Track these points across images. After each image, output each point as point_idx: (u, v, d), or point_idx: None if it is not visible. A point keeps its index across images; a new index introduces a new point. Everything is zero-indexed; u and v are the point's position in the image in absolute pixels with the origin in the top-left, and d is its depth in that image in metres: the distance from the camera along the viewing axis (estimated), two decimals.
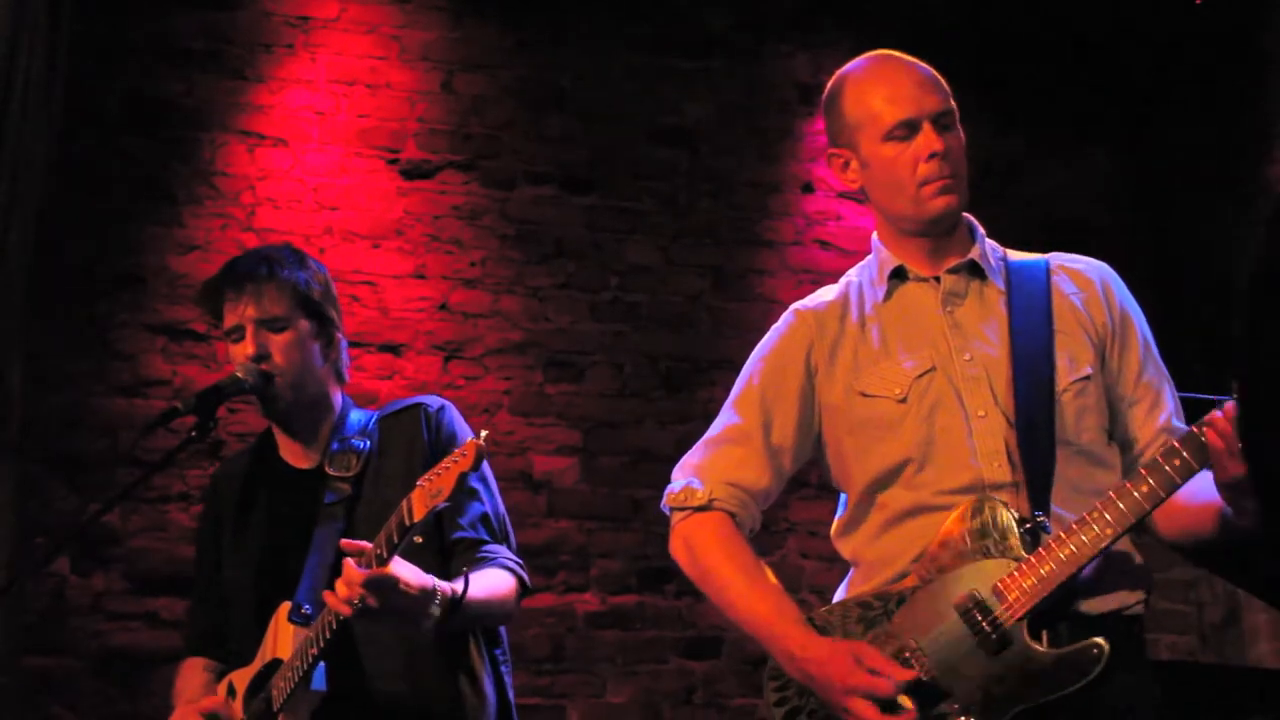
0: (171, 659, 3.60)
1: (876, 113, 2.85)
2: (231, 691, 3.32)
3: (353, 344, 5.41)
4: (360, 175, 5.76)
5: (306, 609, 3.17)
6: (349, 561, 2.96)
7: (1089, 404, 2.79)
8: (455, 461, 2.84)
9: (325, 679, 3.13)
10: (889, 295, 2.91)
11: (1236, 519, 2.61)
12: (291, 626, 3.19)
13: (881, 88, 2.87)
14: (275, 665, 3.22)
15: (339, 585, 2.96)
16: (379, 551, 2.93)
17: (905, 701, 2.59)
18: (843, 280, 3.01)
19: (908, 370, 2.81)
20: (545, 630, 5.68)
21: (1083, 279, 2.90)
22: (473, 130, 5.92)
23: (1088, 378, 2.79)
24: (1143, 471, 2.56)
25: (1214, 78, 6.25)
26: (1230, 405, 2.48)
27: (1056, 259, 2.94)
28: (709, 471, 2.90)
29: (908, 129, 2.82)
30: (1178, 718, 4.08)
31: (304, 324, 3.34)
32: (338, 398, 3.43)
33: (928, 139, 2.81)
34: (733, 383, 3.01)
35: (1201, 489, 2.60)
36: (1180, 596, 6.12)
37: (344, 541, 3.03)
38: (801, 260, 6.14)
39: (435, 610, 3.02)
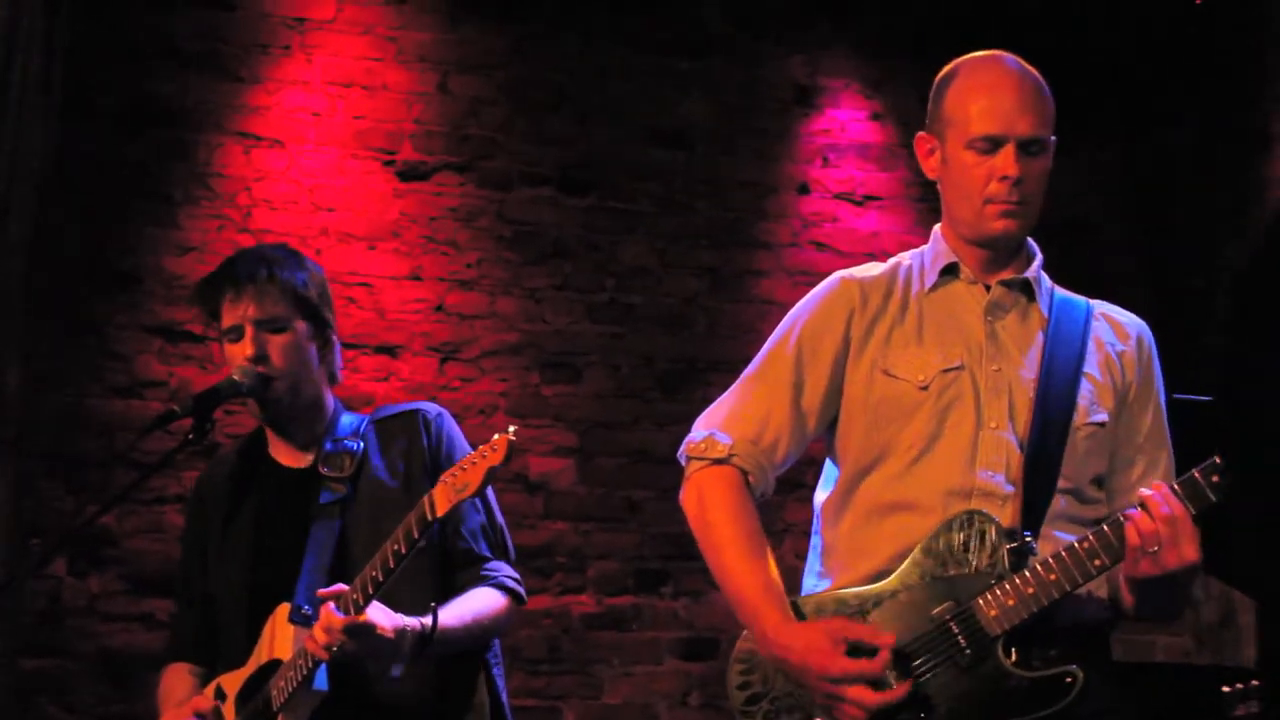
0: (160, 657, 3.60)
1: (968, 118, 2.83)
2: (221, 695, 3.31)
3: (349, 345, 5.42)
4: (356, 176, 5.76)
5: (307, 610, 3.17)
6: (328, 606, 2.99)
7: (1096, 448, 2.79)
8: (484, 456, 2.86)
9: (327, 679, 3.13)
10: (935, 287, 2.90)
11: (1126, 607, 2.72)
12: (291, 627, 3.19)
13: (982, 95, 2.85)
14: (273, 666, 3.21)
15: (317, 631, 3.00)
16: (355, 597, 2.98)
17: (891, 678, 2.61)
18: (892, 260, 3.00)
19: (936, 362, 2.80)
20: (541, 632, 5.69)
21: (1123, 332, 2.91)
22: (469, 131, 5.92)
23: (1102, 425, 2.80)
24: (1137, 509, 2.57)
25: (1213, 76, 6.26)
26: (1153, 500, 2.52)
27: (1099, 305, 2.95)
28: (733, 426, 2.88)
29: (991, 144, 2.81)
30: (1175, 719, 4.09)
31: (301, 325, 3.34)
32: (330, 399, 3.43)
33: (1005, 161, 2.80)
34: (729, 384, 3.00)
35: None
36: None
37: (320, 591, 3.06)
38: (798, 262, 6.15)
39: (407, 649, 3.05)
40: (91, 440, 5.35)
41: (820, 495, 2.95)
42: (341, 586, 3.03)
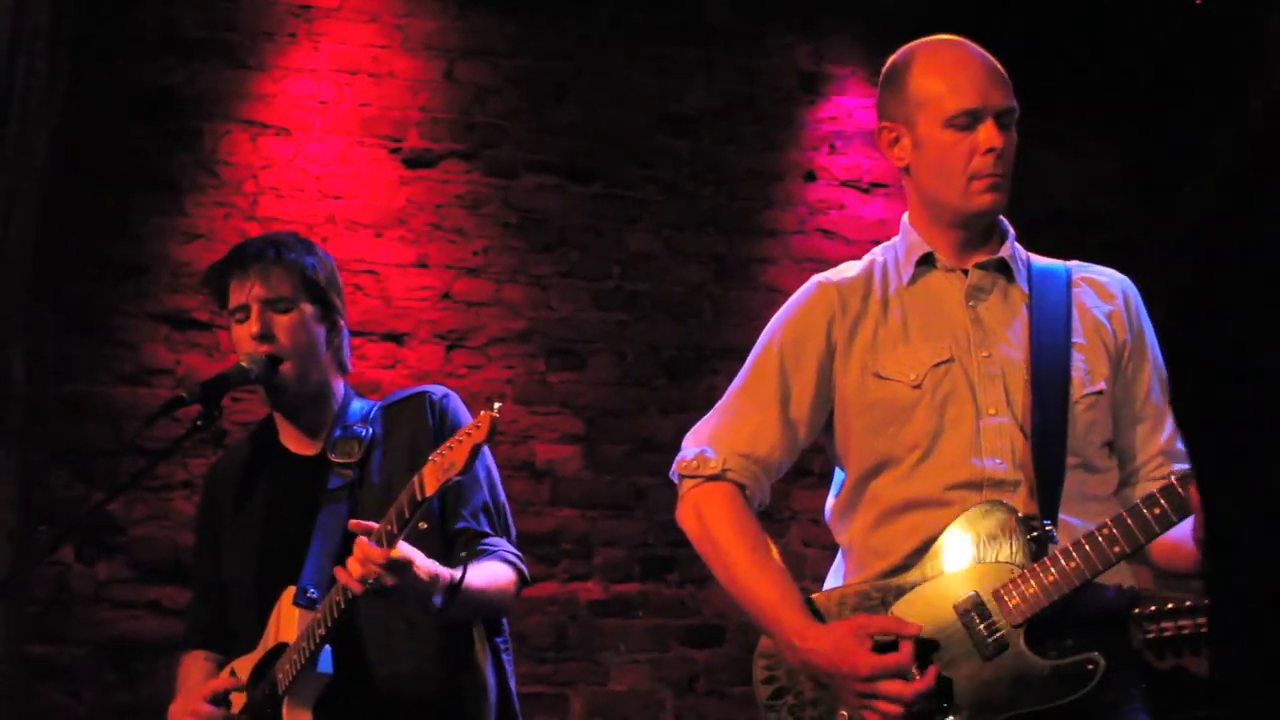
0: (175, 647, 3.60)
1: (942, 96, 2.81)
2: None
3: (355, 333, 5.42)
4: (363, 164, 5.76)
5: (312, 592, 3.18)
6: (362, 540, 2.97)
7: (1099, 417, 2.79)
8: (469, 434, 2.86)
9: (331, 661, 3.14)
10: (914, 280, 2.89)
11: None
12: (297, 610, 3.20)
13: (952, 72, 2.83)
14: (279, 650, 3.22)
15: (352, 563, 2.97)
16: (389, 528, 2.95)
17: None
18: (866, 257, 2.99)
19: (925, 357, 2.80)
20: (548, 618, 5.69)
21: (1106, 292, 2.90)
22: (475, 119, 5.91)
23: (1100, 392, 2.79)
24: (1156, 494, 2.57)
25: (1216, 68, 6.25)
26: None
27: (1079, 269, 2.93)
28: (723, 440, 2.88)
29: (970, 118, 2.79)
30: (1175, 710, 4.09)
31: (308, 307, 3.35)
32: (340, 386, 3.44)
33: (989, 133, 2.78)
34: (735, 372, 2.99)
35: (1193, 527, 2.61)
36: (1183, 588, 6.12)
37: (353, 522, 3.04)
38: (804, 249, 6.14)
39: (437, 595, 3.04)
40: (98, 428, 5.35)
41: (830, 499, 2.96)
42: (372, 524, 3.00)
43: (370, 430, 3.36)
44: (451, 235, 5.81)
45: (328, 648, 3.12)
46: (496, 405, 2.85)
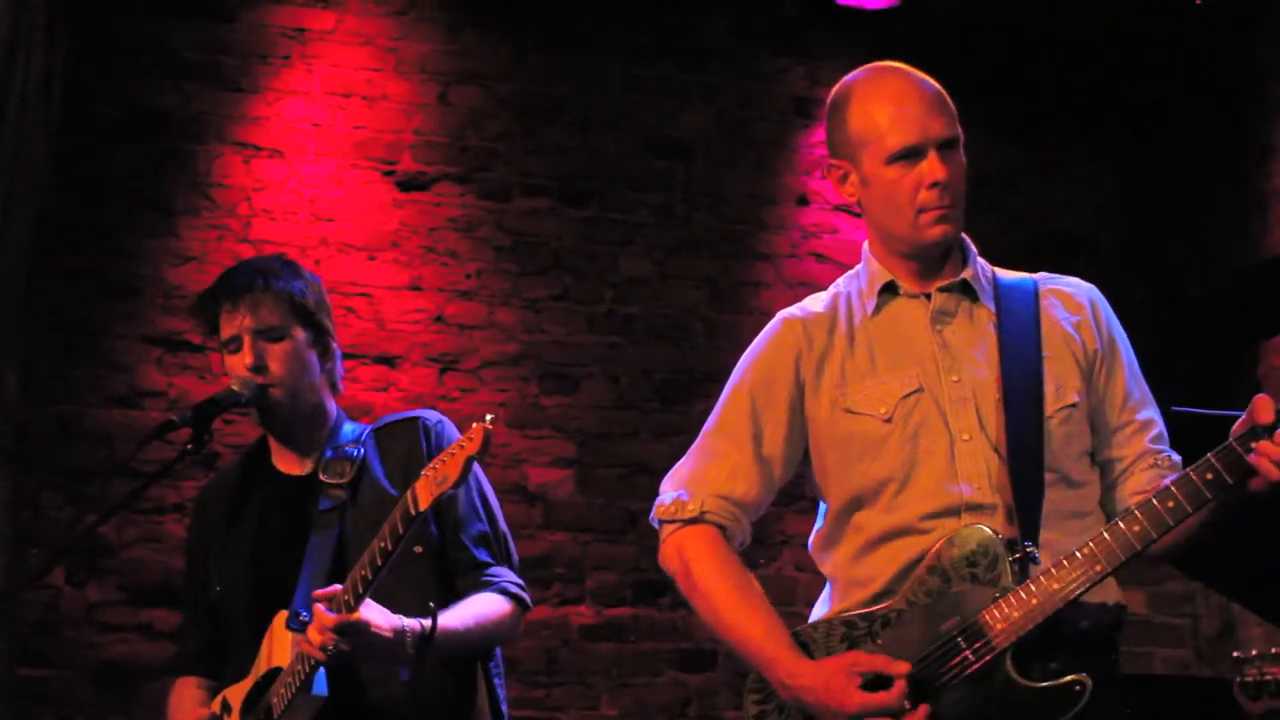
0: (166, 670, 3.59)
1: (881, 133, 2.79)
2: (226, 707, 3.32)
3: (348, 356, 5.40)
4: (356, 187, 5.76)
5: (304, 615, 3.17)
6: (319, 608, 2.99)
7: (1073, 431, 2.78)
8: (461, 447, 2.86)
9: (327, 684, 3.13)
10: (878, 310, 2.88)
11: (1217, 521, 2.65)
12: (290, 634, 3.19)
13: (888, 107, 2.81)
14: (273, 675, 3.22)
15: (312, 631, 3.01)
16: (346, 598, 2.99)
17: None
18: (831, 289, 2.99)
19: (894, 389, 2.79)
20: (539, 642, 5.68)
21: (1073, 303, 2.89)
22: (469, 142, 5.92)
23: (1074, 405, 2.78)
24: (1136, 512, 2.56)
25: (1212, 88, 6.26)
26: None
27: (1045, 281, 2.92)
28: (700, 483, 2.88)
29: (912, 153, 2.77)
30: None
31: (300, 333, 3.35)
32: (332, 407, 3.45)
33: (931, 167, 2.76)
34: None
35: None
36: (1175, 610, 6.12)
37: (315, 592, 3.07)
38: (797, 273, 6.15)
39: (409, 649, 3.06)
40: (90, 450, 5.34)
41: (814, 531, 2.95)
42: (335, 587, 3.04)
43: (362, 451, 3.36)
44: (444, 258, 5.81)
45: (322, 670, 3.11)
46: (489, 417, 2.85)
